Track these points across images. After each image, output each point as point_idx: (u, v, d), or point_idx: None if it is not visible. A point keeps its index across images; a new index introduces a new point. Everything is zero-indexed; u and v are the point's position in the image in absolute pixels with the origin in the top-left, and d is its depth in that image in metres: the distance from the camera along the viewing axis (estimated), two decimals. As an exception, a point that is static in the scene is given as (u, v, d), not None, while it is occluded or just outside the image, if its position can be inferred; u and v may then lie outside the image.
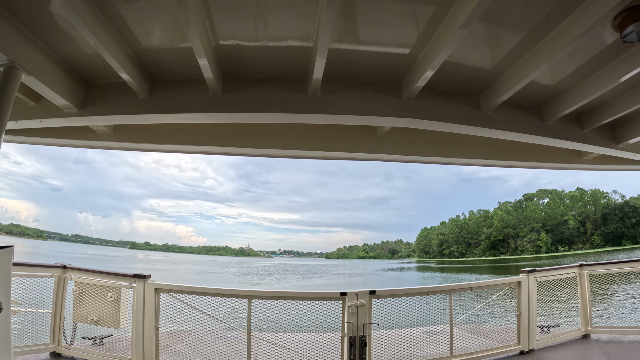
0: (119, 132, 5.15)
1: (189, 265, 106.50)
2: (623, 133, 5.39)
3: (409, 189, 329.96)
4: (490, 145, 5.66)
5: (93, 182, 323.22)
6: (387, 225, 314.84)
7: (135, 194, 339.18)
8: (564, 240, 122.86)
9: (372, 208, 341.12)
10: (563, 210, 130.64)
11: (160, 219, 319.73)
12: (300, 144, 5.22)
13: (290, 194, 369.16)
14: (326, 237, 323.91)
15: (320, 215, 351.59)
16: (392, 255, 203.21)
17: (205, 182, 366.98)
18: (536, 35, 3.42)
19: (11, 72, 3.31)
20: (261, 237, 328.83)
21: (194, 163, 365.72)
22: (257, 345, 5.14)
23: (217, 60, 3.90)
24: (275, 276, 77.46)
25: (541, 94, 4.66)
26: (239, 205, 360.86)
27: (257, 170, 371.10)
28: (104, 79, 4.30)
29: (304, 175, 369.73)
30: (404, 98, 4.31)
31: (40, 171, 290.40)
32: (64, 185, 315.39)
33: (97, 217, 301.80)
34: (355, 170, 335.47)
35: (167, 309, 5.11)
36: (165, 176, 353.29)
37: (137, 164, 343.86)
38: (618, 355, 5.29)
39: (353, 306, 4.86)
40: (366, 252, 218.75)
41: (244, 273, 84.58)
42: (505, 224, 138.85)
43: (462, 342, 5.49)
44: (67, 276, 5.32)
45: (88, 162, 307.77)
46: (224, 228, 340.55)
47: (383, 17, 3.26)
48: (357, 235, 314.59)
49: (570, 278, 6.39)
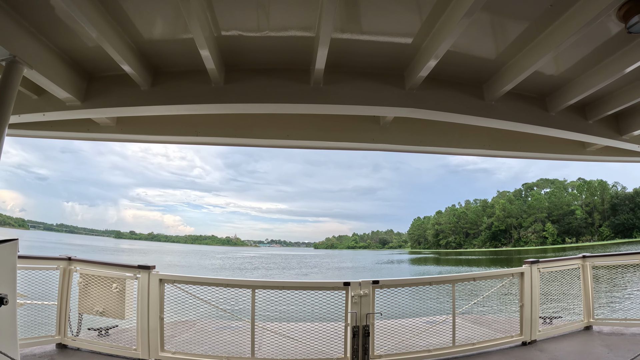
0: (121, 124, 5.17)
1: (169, 257, 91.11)
2: (627, 124, 5.35)
3: (396, 180, 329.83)
4: (493, 135, 5.64)
5: (80, 171, 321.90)
6: (375, 215, 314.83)
7: (122, 183, 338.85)
8: (571, 231, 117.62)
9: (360, 198, 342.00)
10: (569, 199, 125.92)
11: (147, 208, 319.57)
12: (303, 134, 5.22)
13: (278, 183, 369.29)
14: (314, 227, 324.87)
15: (308, 205, 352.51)
16: (382, 246, 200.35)
17: (193, 171, 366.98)
18: (540, 24, 3.39)
19: (13, 66, 3.32)
20: (249, 227, 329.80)
21: (181, 152, 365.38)
22: (261, 334, 5.19)
23: (219, 51, 3.89)
24: (263, 271, 63.15)
25: (545, 84, 4.63)
26: (226, 194, 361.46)
27: (245, 160, 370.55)
28: (106, 71, 4.30)
29: (292, 164, 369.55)
30: (406, 88, 4.29)
31: (27, 160, 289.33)
32: (51, 174, 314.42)
33: (84, 207, 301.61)
34: (343, 161, 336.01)
35: (172, 299, 5.15)
36: (153, 165, 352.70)
37: (124, 152, 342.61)
38: (620, 347, 5.31)
39: (356, 296, 4.89)
40: (356, 242, 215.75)
41: (224, 267, 70.90)
42: (507, 214, 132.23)
43: (464, 333, 5.52)
44: (72, 268, 5.36)
45: (75, 150, 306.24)
46: (211, 217, 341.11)
47: (385, 6, 3.24)
48: (345, 225, 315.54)
49: (573, 269, 6.40)
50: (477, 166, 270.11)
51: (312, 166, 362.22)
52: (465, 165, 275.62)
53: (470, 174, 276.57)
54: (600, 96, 4.90)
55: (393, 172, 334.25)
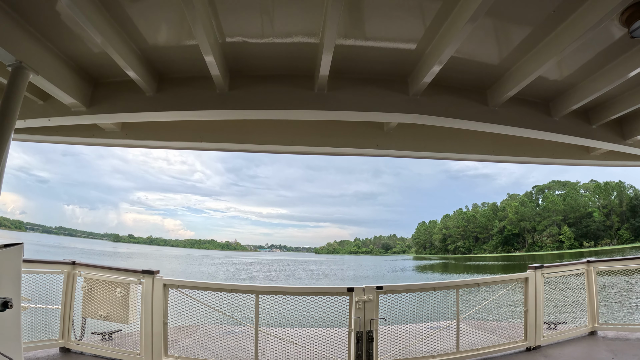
0: (127, 130, 5.20)
1: (164, 263, 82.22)
2: (631, 129, 5.34)
3: (397, 185, 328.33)
4: (497, 140, 5.63)
5: (80, 174, 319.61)
6: (375, 221, 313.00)
7: (123, 187, 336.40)
8: (589, 234, 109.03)
9: (361, 204, 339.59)
10: (585, 201, 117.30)
11: (148, 212, 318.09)
12: (307, 140, 5.23)
13: (278, 188, 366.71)
14: (314, 232, 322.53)
15: (309, 210, 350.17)
16: (385, 251, 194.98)
17: (194, 176, 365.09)
18: (543, 30, 3.40)
19: (19, 72, 3.35)
20: (249, 231, 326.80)
21: (182, 156, 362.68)
22: (265, 340, 5.18)
23: (224, 57, 3.91)
24: (263, 282, 54.48)
25: (548, 89, 4.63)
26: (227, 199, 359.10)
27: (246, 164, 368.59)
28: (112, 77, 4.33)
29: (292, 169, 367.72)
30: (410, 94, 4.30)
31: (28, 163, 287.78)
32: (51, 177, 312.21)
33: (85, 210, 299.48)
34: (344, 166, 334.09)
35: (175, 304, 5.15)
36: (154, 169, 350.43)
37: (125, 156, 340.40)
38: (625, 352, 5.27)
39: (360, 302, 4.88)
40: (358, 248, 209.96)
41: (214, 275, 62.78)
42: (520, 217, 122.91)
43: (468, 338, 5.49)
44: (77, 272, 5.37)
45: (76, 154, 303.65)
46: (212, 222, 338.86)
47: (389, 12, 3.25)
48: (345, 230, 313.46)
49: (577, 274, 6.37)
50: (477, 172, 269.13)
51: (313, 171, 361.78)
52: (466, 170, 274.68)
53: (471, 180, 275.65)
54: (604, 101, 4.90)
55: (394, 177, 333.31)
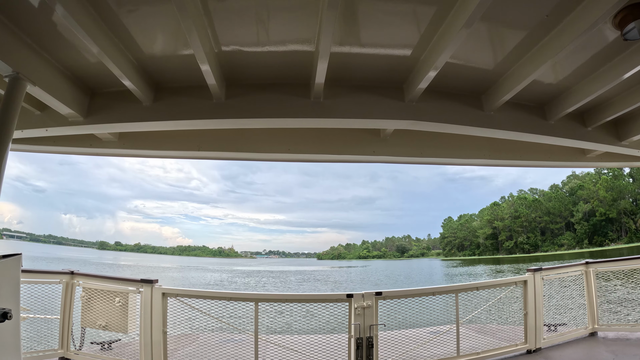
0: (124, 140, 5.20)
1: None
2: (627, 130, 5.37)
3: (394, 189, 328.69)
4: (493, 145, 5.65)
5: (77, 183, 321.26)
6: (374, 225, 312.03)
7: (120, 195, 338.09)
8: None
9: (358, 208, 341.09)
10: None
11: (145, 220, 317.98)
12: (304, 148, 5.24)
13: (275, 194, 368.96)
14: (312, 238, 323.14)
15: (306, 215, 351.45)
16: (401, 255, 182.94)
17: (190, 183, 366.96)
18: (537, 34, 3.42)
19: (16, 83, 3.35)
20: (247, 238, 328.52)
21: (178, 164, 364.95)
22: (265, 347, 5.17)
23: (220, 66, 3.92)
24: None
25: (543, 93, 4.66)
26: (224, 206, 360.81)
27: (242, 172, 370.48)
28: (108, 87, 4.34)
29: (289, 176, 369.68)
30: (406, 100, 4.31)
31: (24, 172, 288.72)
32: (48, 186, 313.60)
33: (82, 219, 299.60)
34: (341, 171, 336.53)
35: (175, 312, 5.13)
36: (150, 177, 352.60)
37: (121, 165, 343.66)
38: (625, 353, 5.27)
39: (359, 308, 4.87)
40: (368, 251, 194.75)
41: None
42: (617, 194, 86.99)
43: (469, 342, 5.49)
44: (75, 282, 5.36)
45: (72, 163, 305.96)
46: (209, 229, 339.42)
47: (384, 19, 3.27)
48: (344, 235, 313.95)
49: (576, 276, 6.38)
50: (474, 174, 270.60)
51: (310, 177, 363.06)
52: (462, 173, 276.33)
53: (468, 182, 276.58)
54: (599, 103, 4.92)
55: (391, 181, 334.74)
